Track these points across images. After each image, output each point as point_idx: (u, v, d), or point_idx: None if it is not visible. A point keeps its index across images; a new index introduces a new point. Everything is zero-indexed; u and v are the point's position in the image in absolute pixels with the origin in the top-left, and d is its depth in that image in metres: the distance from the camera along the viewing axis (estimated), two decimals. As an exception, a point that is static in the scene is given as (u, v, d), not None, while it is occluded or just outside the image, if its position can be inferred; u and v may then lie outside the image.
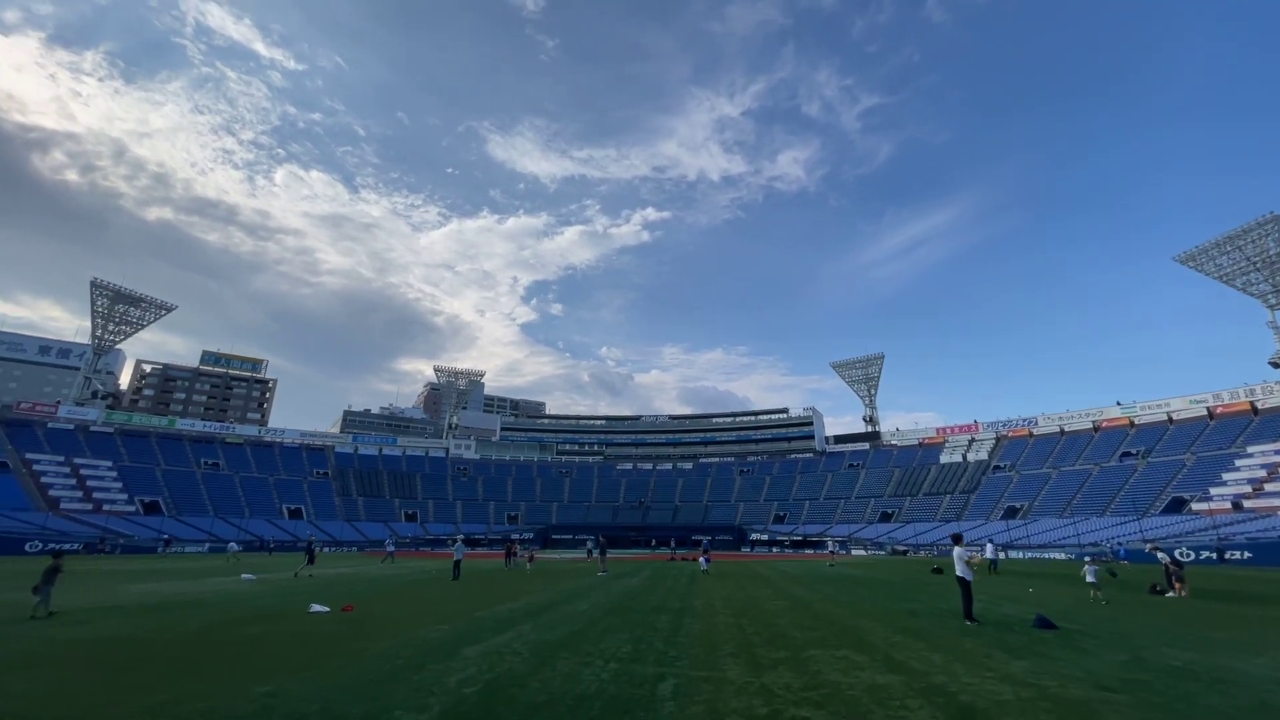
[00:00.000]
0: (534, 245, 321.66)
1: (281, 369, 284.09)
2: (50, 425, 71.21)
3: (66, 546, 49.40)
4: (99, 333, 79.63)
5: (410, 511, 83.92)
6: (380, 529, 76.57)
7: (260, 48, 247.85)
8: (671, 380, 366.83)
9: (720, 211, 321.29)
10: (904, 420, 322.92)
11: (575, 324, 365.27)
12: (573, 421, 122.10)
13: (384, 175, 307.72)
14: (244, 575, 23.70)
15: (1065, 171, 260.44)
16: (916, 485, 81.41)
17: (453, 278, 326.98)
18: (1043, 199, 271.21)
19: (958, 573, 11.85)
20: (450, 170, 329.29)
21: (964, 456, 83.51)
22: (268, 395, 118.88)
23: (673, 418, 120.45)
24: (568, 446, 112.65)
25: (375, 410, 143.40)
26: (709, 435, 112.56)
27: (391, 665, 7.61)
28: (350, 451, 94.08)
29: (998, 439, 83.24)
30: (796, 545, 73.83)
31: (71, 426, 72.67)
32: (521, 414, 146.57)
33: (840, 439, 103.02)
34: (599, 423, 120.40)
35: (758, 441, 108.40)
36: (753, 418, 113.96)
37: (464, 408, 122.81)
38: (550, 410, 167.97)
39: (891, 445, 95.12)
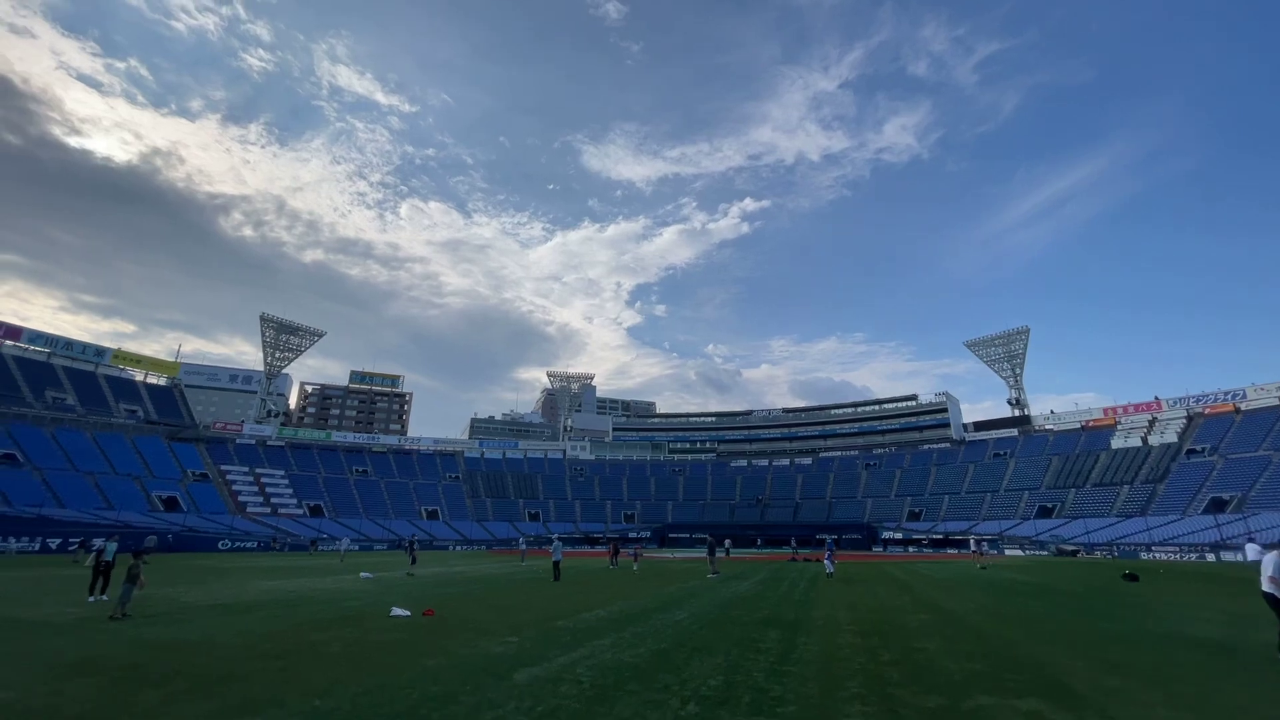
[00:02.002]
0: (634, 249, 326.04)
1: (416, 383, 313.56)
2: (238, 441, 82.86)
3: (232, 545, 56.70)
4: (269, 359, 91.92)
5: (533, 511, 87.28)
6: (506, 528, 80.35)
7: (380, 97, 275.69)
8: (783, 374, 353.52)
9: (823, 193, 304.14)
10: (1058, 402, 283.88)
11: (679, 323, 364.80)
12: (683, 420, 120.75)
13: (492, 198, 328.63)
14: (363, 574, 24.78)
15: (1251, 98, 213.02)
16: (1082, 474, 69.86)
17: (560, 288, 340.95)
18: (1224, 134, 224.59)
19: (1264, 588, 8.43)
20: (551, 186, 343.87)
21: (1144, 440, 70.30)
22: (406, 407, 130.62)
23: (787, 411, 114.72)
24: (679, 445, 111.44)
25: (498, 417, 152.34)
26: (828, 428, 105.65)
27: (424, 691, 6.35)
28: (477, 456, 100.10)
29: (1190, 418, 69.09)
30: (936, 544, 66.32)
31: (253, 441, 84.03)
32: (632, 414, 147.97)
33: (981, 426, 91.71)
34: (709, 420, 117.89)
35: (884, 433, 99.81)
36: (876, 407, 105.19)
37: (578, 410, 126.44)
38: (660, 410, 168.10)
39: (1046, 430, 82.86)
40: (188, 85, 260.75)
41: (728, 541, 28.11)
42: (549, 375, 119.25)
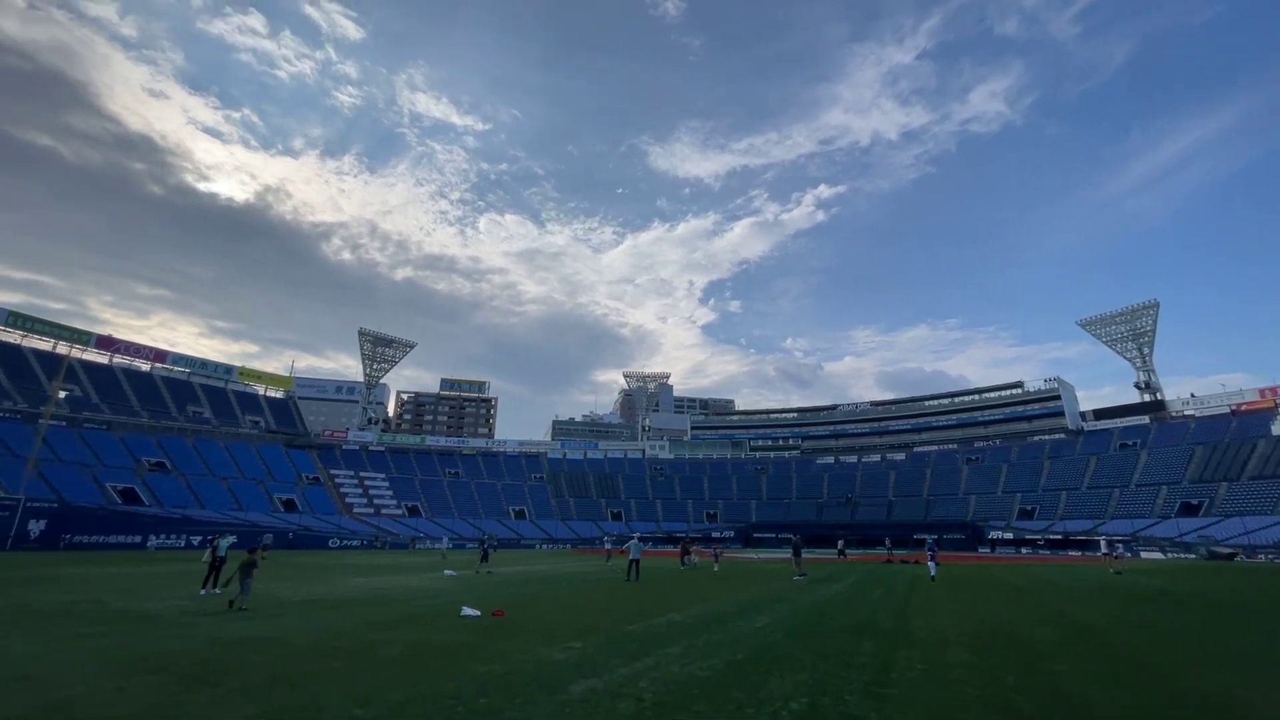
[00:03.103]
0: (705, 246, 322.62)
1: (500, 388, 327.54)
2: (344, 447, 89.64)
3: (344, 541, 60.87)
4: (368, 371, 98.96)
5: (616, 510, 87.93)
6: (590, 527, 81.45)
7: (456, 119, 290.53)
8: (868, 366, 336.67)
9: (904, 172, 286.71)
10: (1196, 385, 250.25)
11: (755, 319, 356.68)
12: (763, 416, 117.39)
13: (563, 206, 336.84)
14: (447, 571, 25.44)
15: None
16: (1234, 467, 60.55)
17: (633, 290, 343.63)
18: None
19: None
20: (620, 190, 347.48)
21: (1317, 424, 59.80)
22: (492, 412, 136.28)
23: (875, 404, 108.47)
24: (760, 442, 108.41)
25: (578, 418, 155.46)
26: (922, 421, 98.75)
27: (470, 704, 5.84)
28: (560, 457, 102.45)
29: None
30: (1055, 545, 59.83)
31: (357, 447, 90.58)
32: (710, 413, 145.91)
33: (1103, 414, 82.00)
34: (791, 416, 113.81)
35: (985, 424, 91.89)
36: (976, 397, 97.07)
37: (655, 410, 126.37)
38: (739, 407, 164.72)
39: (1184, 417, 72.87)
40: (291, 126, 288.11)
41: (796, 538, 26.19)
42: (625, 376, 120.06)
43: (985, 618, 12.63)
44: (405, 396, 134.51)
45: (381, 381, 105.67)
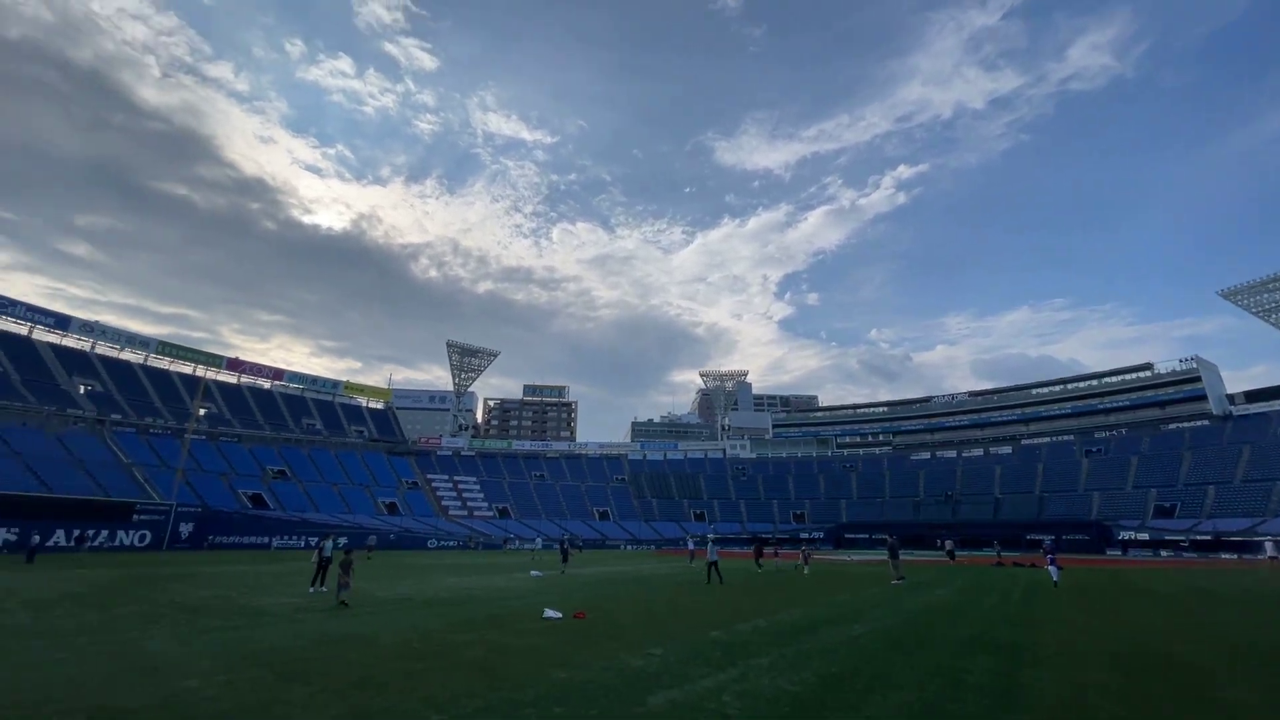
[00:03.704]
0: (778, 239, 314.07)
1: (580, 392, 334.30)
2: (438, 453, 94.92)
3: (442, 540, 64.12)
4: (457, 380, 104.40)
5: (698, 511, 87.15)
6: (673, 528, 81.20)
7: (526, 135, 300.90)
8: (963, 354, 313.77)
9: (993, 143, 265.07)
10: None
11: (835, 310, 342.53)
12: (849, 411, 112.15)
13: (631, 210, 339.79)
14: (533, 572, 25.97)
15: None
16: None
17: (706, 289, 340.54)
18: None
19: None
20: (688, 189, 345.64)
21: None
22: (572, 415, 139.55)
23: (974, 394, 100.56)
24: (848, 439, 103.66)
25: (656, 419, 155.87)
26: (1030, 411, 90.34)
27: (545, 711, 5.65)
28: (640, 458, 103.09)
29: None
30: (1203, 548, 52.45)
31: (450, 453, 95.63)
32: (792, 410, 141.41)
33: (1257, 395, 71.23)
34: (880, 410, 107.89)
35: (1108, 412, 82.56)
36: (1095, 383, 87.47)
37: (734, 409, 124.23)
38: (822, 403, 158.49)
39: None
40: (379, 157, 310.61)
41: (892, 539, 24.39)
42: (702, 376, 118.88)
43: (1127, 632, 11.00)
44: (492, 403, 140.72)
45: (470, 390, 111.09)
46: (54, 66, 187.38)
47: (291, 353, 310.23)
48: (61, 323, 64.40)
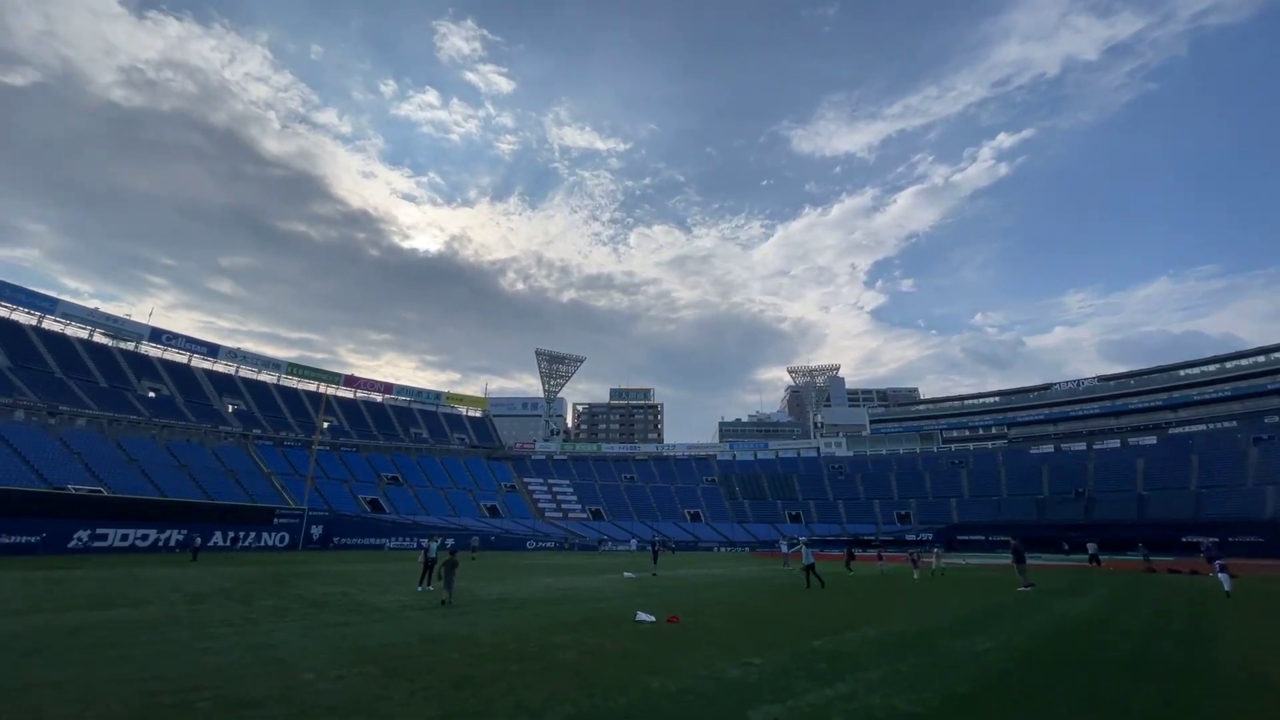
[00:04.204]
0: (865, 225, 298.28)
1: (665, 394, 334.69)
2: (533, 457, 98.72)
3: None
4: (546, 386, 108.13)
5: (793, 512, 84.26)
6: (767, 530, 79.02)
7: (599, 144, 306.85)
8: (1086, 335, 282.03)
9: (1112, 96, 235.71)
10: None
11: (933, 296, 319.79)
12: (955, 403, 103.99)
13: (708, 209, 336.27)
14: (626, 574, 25.99)
15: None
16: None
17: (789, 283, 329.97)
18: None
19: None
20: (765, 182, 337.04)
21: None
22: (659, 417, 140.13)
23: (1105, 379, 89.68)
24: (955, 433, 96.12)
25: (745, 419, 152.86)
26: (1179, 395, 79.18)
27: (639, 724, 5.34)
28: (729, 459, 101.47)
29: None
30: None
31: (543, 457, 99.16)
32: (891, 404, 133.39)
33: None
34: (992, 400, 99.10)
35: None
36: (1262, 359, 75.06)
37: (826, 405, 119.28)
38: (924, 395, 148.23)
39: None
40: (466, 180, 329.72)
41: (1015, 541, 21.98)
42: (790, 372, 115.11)
43: (1338, 655, 9.02)
44: (580, 408, 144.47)
45: (559, 396, 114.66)
46: (198, 130, 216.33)
47: (399, 368, 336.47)
48: (212, 351, 73.65)
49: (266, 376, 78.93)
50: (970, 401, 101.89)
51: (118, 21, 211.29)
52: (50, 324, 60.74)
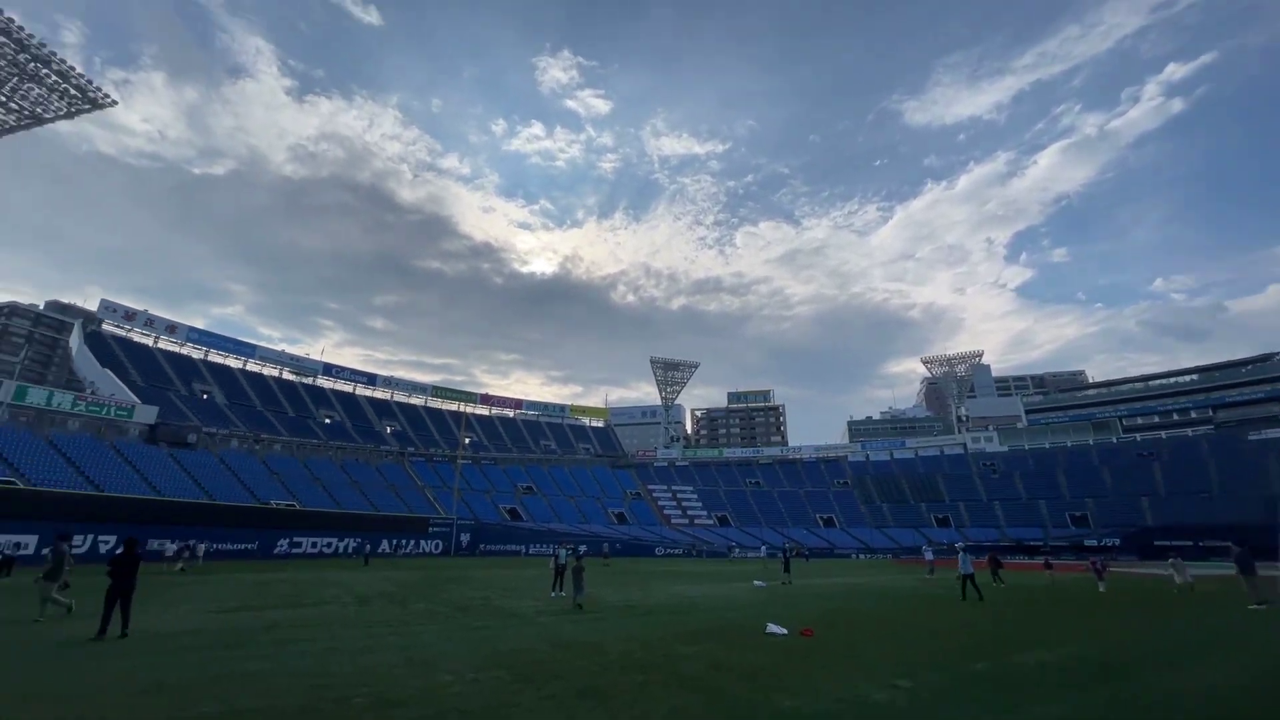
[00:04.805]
0: (999, 193, 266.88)
1: (785, 395, 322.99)
2: (655, 465, 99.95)
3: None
4: (663, 393, 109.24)
5: (941, 515, 76.91)
6: (911, 535, 72.78)
7: (698, 149, 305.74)
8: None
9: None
10: None
11: (1095, 264, 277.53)
12: (1137, 385, 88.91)
13: (816, 199, 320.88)
14: (755, 581, 25.05)
15: None
16: None
17: (916, 266, 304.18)
18: None
19: None
20: (877, 162, 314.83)
21: None
22: (781, 419, 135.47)
23: (1354, 342, 71.45)
24: (1138, 419, 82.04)
25: (876, 416, 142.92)
26: None
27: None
28: (862, 459, 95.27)
29: None
30: None
31: (666, 464, 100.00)
32: (1050, 389, 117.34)
33: None
34: (1188, 379, 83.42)
35: None
36: None
37: (970, 396, 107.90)
38: (1092, 378, 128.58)
39: None
40: (573, 202, 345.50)
41: (1236, 548, 17.92)
42: (924, 363, 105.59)
43: None
44: (698, 413, 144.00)
45: (676, 402, 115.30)
46: (348, 190, 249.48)
47: (526, 384, 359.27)
48: (371, 380, 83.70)
49: (416, 400, 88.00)
50: (1158, 382, 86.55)
51: (285, 109, 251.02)
52: (251, 366, 72.72)
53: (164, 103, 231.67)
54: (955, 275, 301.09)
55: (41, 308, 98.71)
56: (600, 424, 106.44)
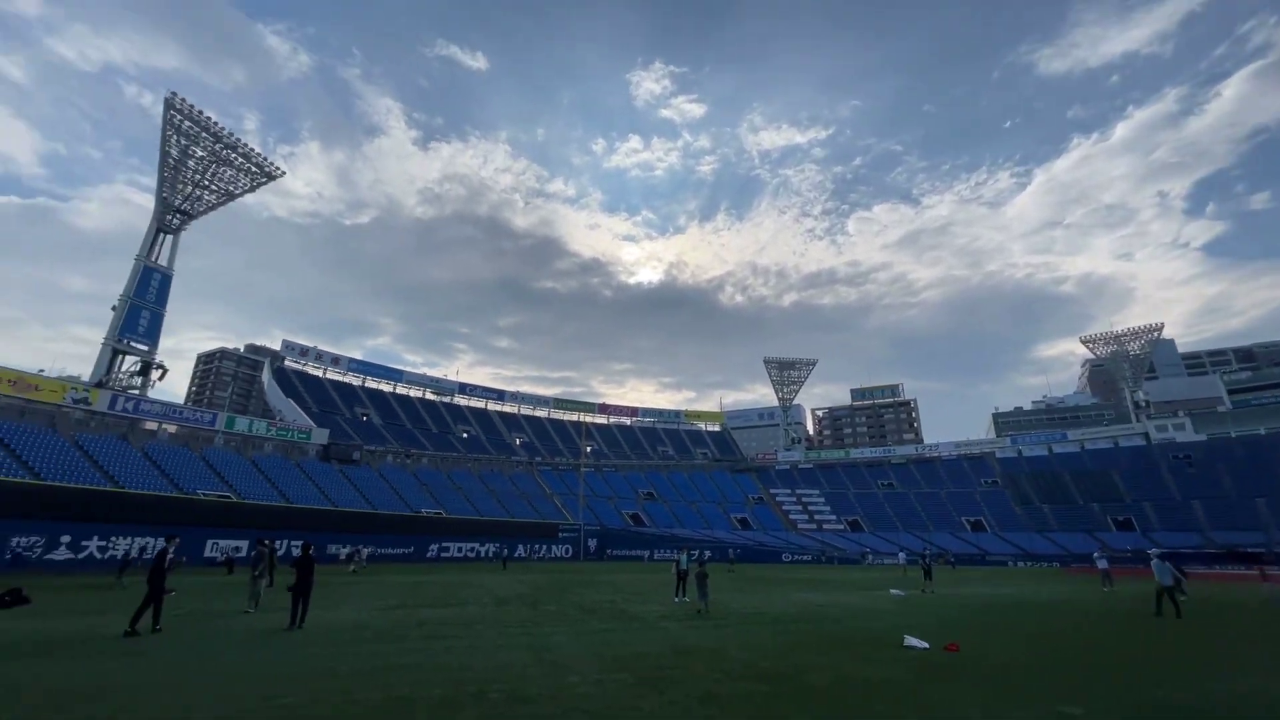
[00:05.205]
0: (1171, 136, 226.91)
1: (915, 389, 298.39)
2: (777, 468, 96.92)
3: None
4: (780, 394, 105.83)
5: (1121, 518, 66.60)
6: (1082, 540, 63.69)
7: (799, 138, 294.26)
8: None
9: None
10: None
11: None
12: (1392, 350, 70.67)
13: (936, 174, 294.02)
14: (892, 591, 23.23)
15: None
16: None
17: (1065, 234, 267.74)
18: None
19: None
20: (1007, 124, 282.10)
21: None
22: (913, 414, 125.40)
23: None
24: (1399, 393, 65.05)
25: (1026, 406, 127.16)
26: None
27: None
28: (1013, 455, 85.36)
29: None
30: None
31: (787, 467, 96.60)
32: (1260, 364, 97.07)
33: None
34: None
35: None
36: None
37: (1149, 377, 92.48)
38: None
39: None
40: (675, 209, 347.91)
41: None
42: (1085, 343, 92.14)
43: None
44: (820, 413, 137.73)
45: (795, 402, 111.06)
46: (470, 223, 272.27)
47: (641, 392, 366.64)
48: (499, 396, 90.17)
49: (540, 412, 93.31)
50: None
51: (413, 158, 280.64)
52: (400, 389, 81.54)
53: (319, 167, 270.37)
54: (1118, 239, 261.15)
55: (241, 350, 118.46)
56: (716, 428, 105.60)
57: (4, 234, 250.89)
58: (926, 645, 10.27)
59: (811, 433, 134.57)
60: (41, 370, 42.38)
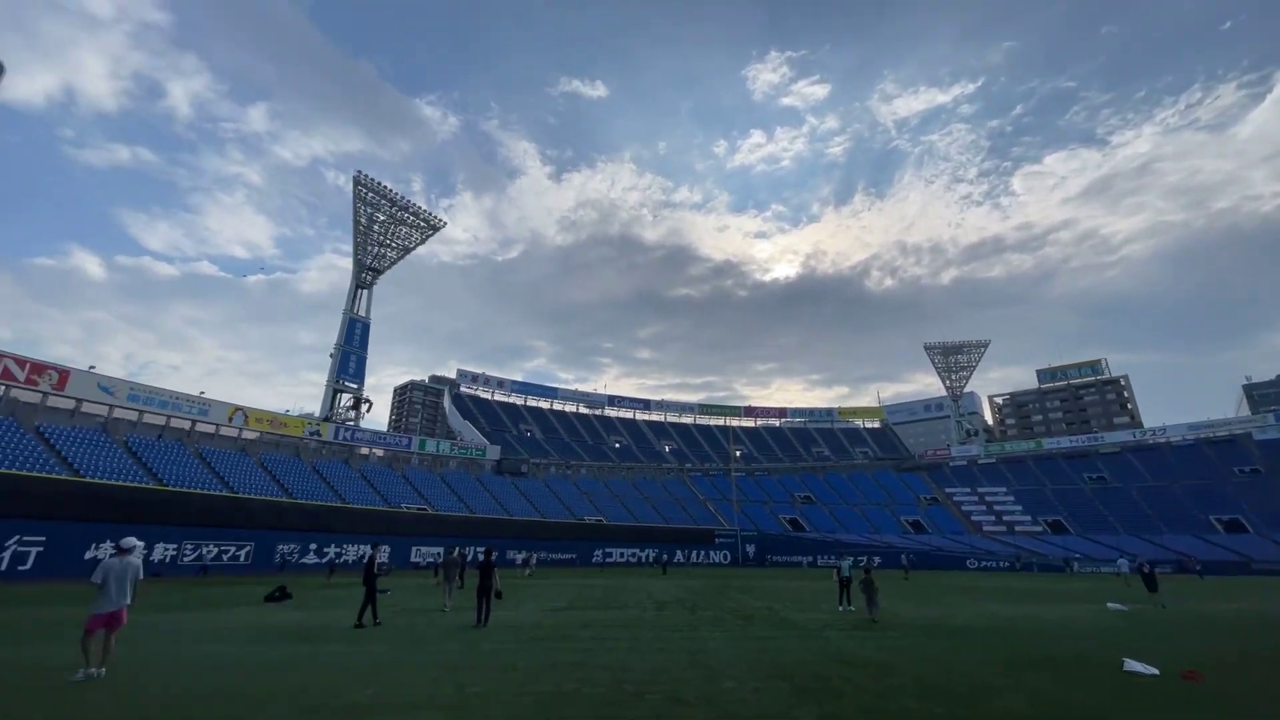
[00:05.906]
0: None
1: (1123, 363, 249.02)
2: (950, 464, 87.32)
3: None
4: (947, 383, 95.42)
5: None
6: (1404, 544, 48.38)
7: (941, 98, 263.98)
8: None
9: None
10: None
11: None
12: None
13: (1126, 104, 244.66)
14: (1110, 604, 19.50)
15: None
16: None
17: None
18: None
19: None
20: (1226, 24, 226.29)
21: None
22: (1125, 394, 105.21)
23: None
24: None
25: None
26: None
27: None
28: (1277, 436, 67.75)
29: None
30: None
31: (964, 462, 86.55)
32: None
33: None
34: None
35: None
36: None
37: None
38: None
39: None
40: (805, 198, 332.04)
41: None
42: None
43: None
44: (999, 400, 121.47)
45: (966, 390, 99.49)
46: (604, 244, 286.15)
47: (788, 391, 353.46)
48: (645, 405, 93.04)
49: (685, 419, 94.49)
50: None
51: (549, 191, 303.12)
52: (556, 405, 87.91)
53: (473, 214, 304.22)
54: None
55: (426, 381, 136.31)
56: (876, 424, 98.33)
57: (259, 305, 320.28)
58: (1156, 671, 8.53)
59: (990, 423, 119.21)
60: (287, 410, 52.92)
